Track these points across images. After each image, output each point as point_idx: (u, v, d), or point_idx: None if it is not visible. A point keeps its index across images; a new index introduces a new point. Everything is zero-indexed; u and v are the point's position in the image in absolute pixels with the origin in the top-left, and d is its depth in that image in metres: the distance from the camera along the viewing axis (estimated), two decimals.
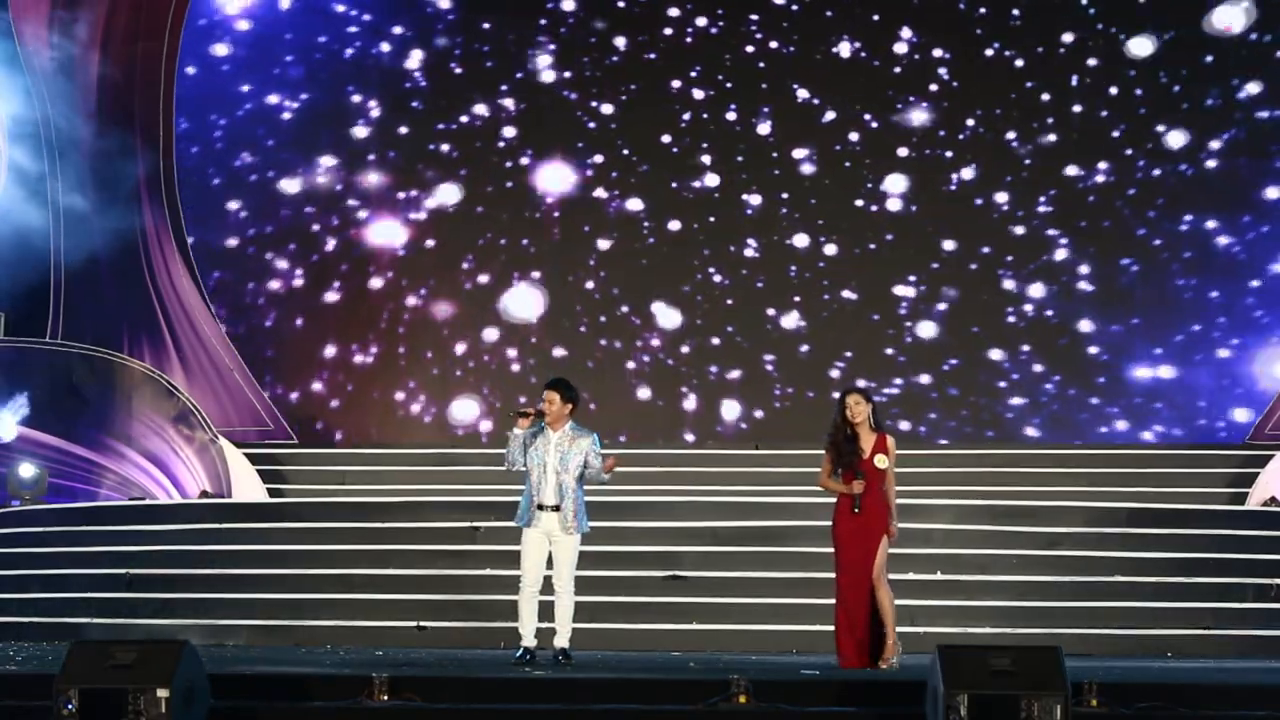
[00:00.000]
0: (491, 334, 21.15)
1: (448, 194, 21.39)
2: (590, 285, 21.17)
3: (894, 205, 21.04)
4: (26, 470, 18.37)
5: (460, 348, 21.15)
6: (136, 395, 19.53)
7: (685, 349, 21.03)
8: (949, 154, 21.03)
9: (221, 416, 20.26)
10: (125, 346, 20.07)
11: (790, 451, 19.73)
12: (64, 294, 19.95)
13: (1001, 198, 20.94)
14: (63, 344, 19.67)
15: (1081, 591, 14.89)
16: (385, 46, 21.54)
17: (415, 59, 21.54)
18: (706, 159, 21.22)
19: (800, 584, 14.78)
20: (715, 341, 21.02)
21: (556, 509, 11.95)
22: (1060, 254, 20.82)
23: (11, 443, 18.67)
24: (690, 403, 20.95)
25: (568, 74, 21.44)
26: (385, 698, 9.48)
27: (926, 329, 20.85)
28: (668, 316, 21.07)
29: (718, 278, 21.10)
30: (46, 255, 19.95)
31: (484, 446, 20.25)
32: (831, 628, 12.05)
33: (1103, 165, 20.84)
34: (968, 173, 21.00)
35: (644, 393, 20.95)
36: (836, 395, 12.28)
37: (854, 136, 21.14)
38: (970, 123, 21.02)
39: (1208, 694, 9.71)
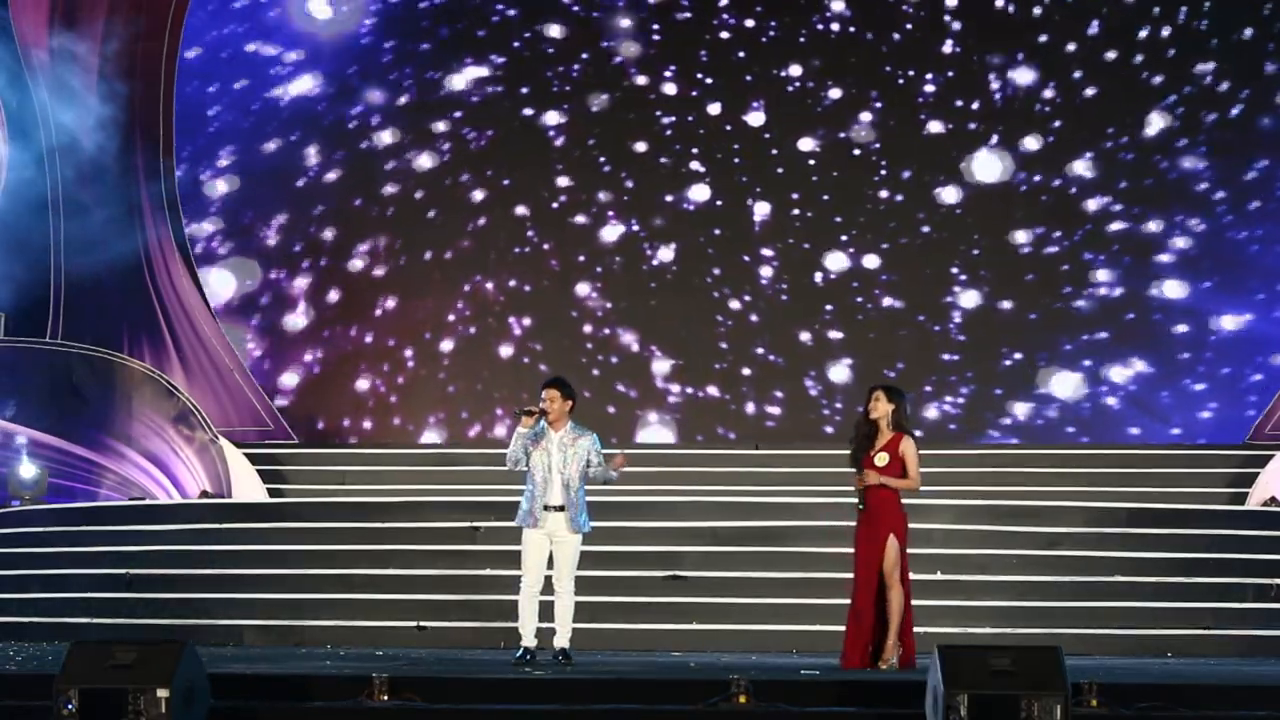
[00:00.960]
0: (491, 334, 21.14)
1: (440, 198, 21.40)
2: (589, 284, 21.16)
3: (894, 204, 21.03)
4: (27, 470, 18.36)
5: (460, 348, 21.14)
6: (136, 395, 19.53)
7: (685, 349, 21.02)
8: (951, 154, 21.04)
9: (221, 416, 20.26)
10: (125, 346, 20.07)
11: (790, 451, 19.76)
12: (64, 294, 19.94)
13: (1000, 200, 20.93)
14: (63, 344, 19.67)
15: (1081, 591, 14.88)
16: (386, 52, 21.54)
17: (411, 56, 21.57)
18: (702, 165, 21.23)
19: (800, 584, 14.78)
20: (715, 342, 21.01)
21: (561, 509, 11.95)
22: (1057, 254, 20.82)
23: (14, 444, 18.68)
24: (690, 403, 20.94)
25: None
26: (385, 698, 9.48)
27: (927, 329, 20.84)
28: (668, 320, 21.06)
29: (717, 277, 21.08)
30: (46, 255, 19.94)
31: (484, 447, 20.24)
32: (836, 627, 12.03)
33: (1100, 173, 20.87)
34: (968, 177, 21.00)
35: (643, 394, 20.95)
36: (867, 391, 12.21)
37: (854, 135, 21.14)
38: (972, 126, 21.02)
39: (1208, 694, 9.70)
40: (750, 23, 21.30)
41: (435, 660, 12.57)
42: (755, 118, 21.20)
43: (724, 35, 21.33)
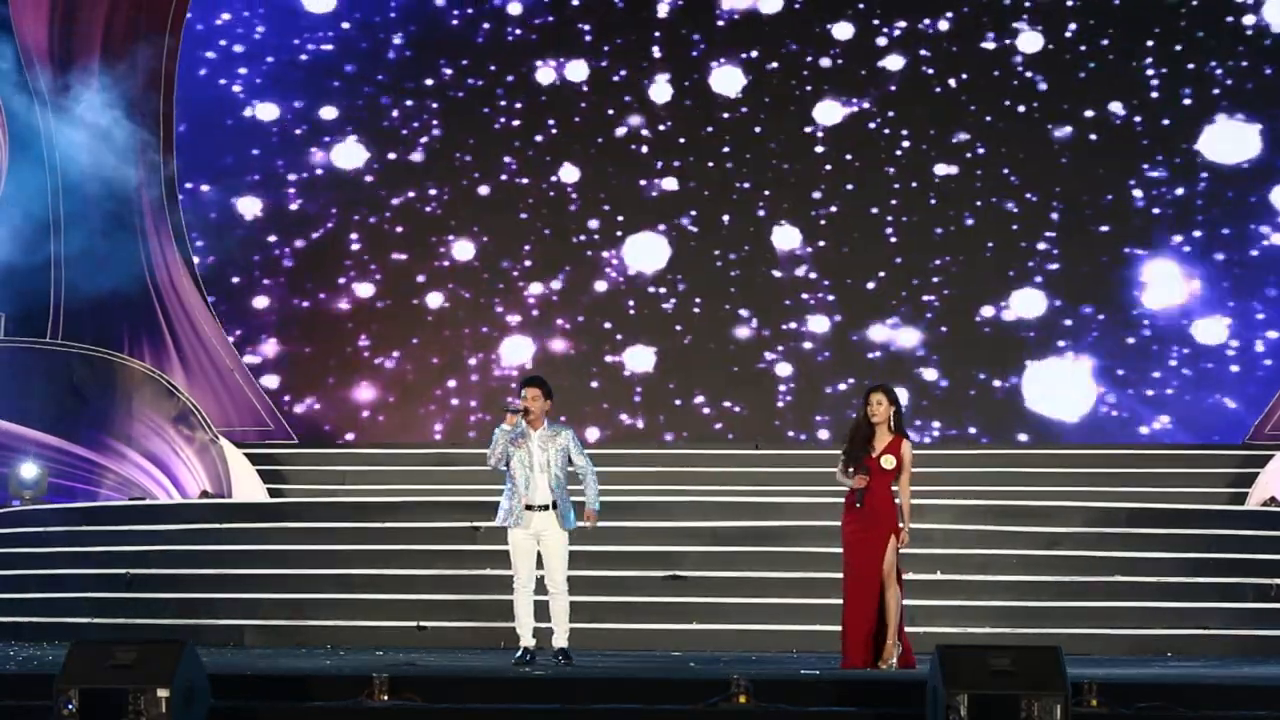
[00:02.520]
0: (490, 336, 21.14)
1: (447, 194, 21.40)
2: (589, 285, 21.16)
3: (895, 205, 21.03)
4: (27, 470, 18.36)
5: (459, 348, 21.14)
6: (136, 395, 19.53)
7: (684, 349, 21.01)
8: (958, 145, 21.04)
9: (221, 416, 20.26)
10: (125, 346, 20.06)
11: (790, 451, 19.76)
12: (64, 294, 19.94)
13: (997, 202, 20.93)
14: (63, 344, 19.66)
15: (1081, 591, 14.89)
16: (388, 52, 21.53)
17: (423, 63, 21.55)
18: (710, 159, 21.23)
19: (800, 584, 14.78)
20: (716, 342, 21.00)
21: (547, 508, 11.94)
22: (1059, 254, 20.83)
23: (13, 443, 18.67)
24: (690, 403, 20.93)
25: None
26: (385, 698, 9.48)
27: (928, 329, 20.83)
28: (667, 316, 21.06)
29: (717, 277, 21.08)
30: (47, 255, 19.93)
31: (484, 447, 20.19)
32: (836, 627, 12.02)
33: (1102, 171, 20.88)
34: (965, 174, 21.00)
35: (644, 394, 20.95)
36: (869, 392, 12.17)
37: (855, 138, 21.14)
38: (966, 132, 21.03)
39: (1208, 694, 9.70)
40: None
41: (435, 660, 12.57)
42: (759, 122, 21.23)
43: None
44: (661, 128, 21.26)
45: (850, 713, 9.52)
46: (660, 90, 21.31)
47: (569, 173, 21.28)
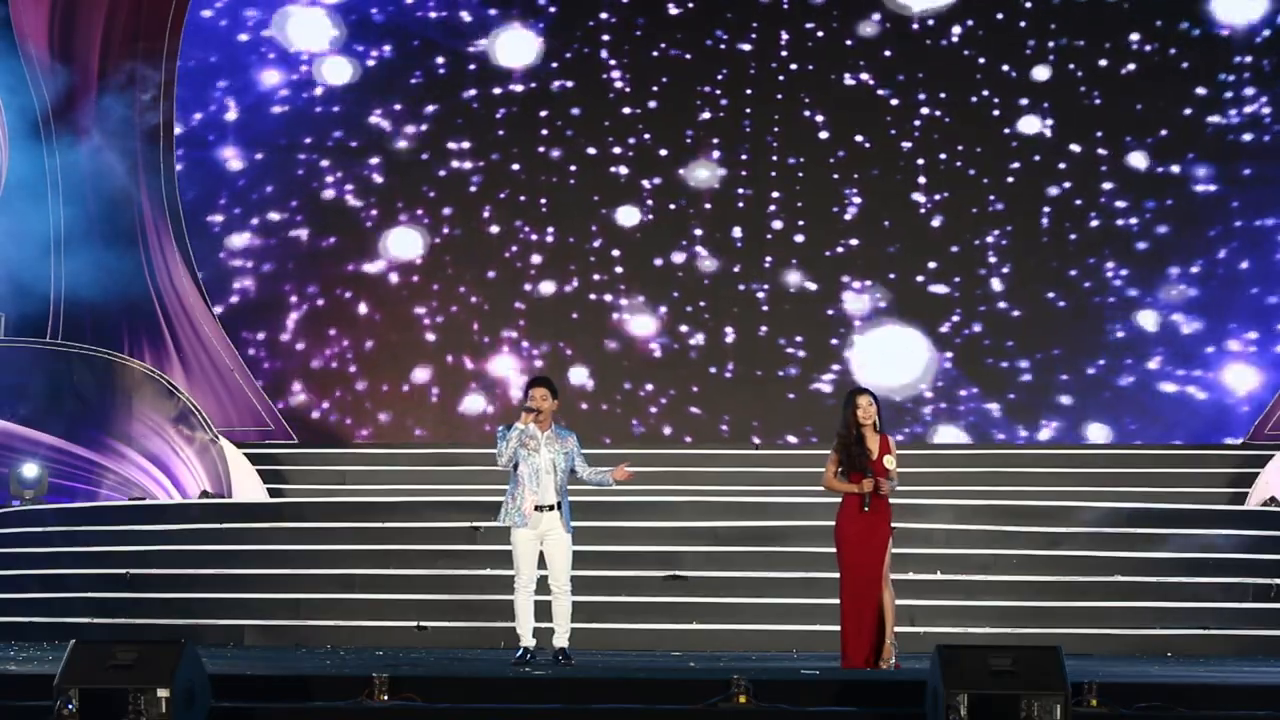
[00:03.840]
0: (491, 336, 21.14)
1: (447, 195, 21.39)
2: (588, 287, 21.15)
3: (894, 205, 21.03)
4: (28, 470, 18.36)
5: (459, 350, 21.14)
6: (136, 395, 19.52)
7: (684, 349, 21.01)
8: (955, 151, 21.02)
9: (221, 416, 20.25)
10: (125, 346, 20.06)
11: (790, 452, 19.75)
12: (64, 294, 19.93)
13: (1003, 197, 20.93)
14: (63, 344, 19.66)
15: (1082, 591, 14.89)
16: (386, 53, 21.52)
17: (415, 66, 21.53)
18: (715, 155, 21.21)
19: (800, 584, 14.79)
20: (716, 341, 21.00)
21: (553, 509, 11.94)
22: (1059, 254, 20.83)
23: (14, 444, 18.68)
24: (691, 403, 20.93)
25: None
26: (385, 698, 9.47)
27: (928, 329, 20.84)
28: (667, 317, 21.05)
29: (717, 278, 21.07)
30: (47, 255, 19.93)
31: (484, 446, 20.21)
32: (836, 627, 12.03)
33: (1107, 167, 20.87)
34: (971, 170, 20.99)
35: (644, 395, 20.94)
36: (853, 396, 12.19)
37: (856, 136, 21.13)
38: (974, 122, 21.03)
39: (1208, 694, 9.70)
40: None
41: (435, 660, 12.57)
42: (769, 125, 21.23)
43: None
44: (670, 137, 21.28)
45: (850, 713, 9.51)
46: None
47: (579, 164, 21.28)
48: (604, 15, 21.42)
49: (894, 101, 21.06)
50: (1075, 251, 20.80)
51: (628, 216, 21.19)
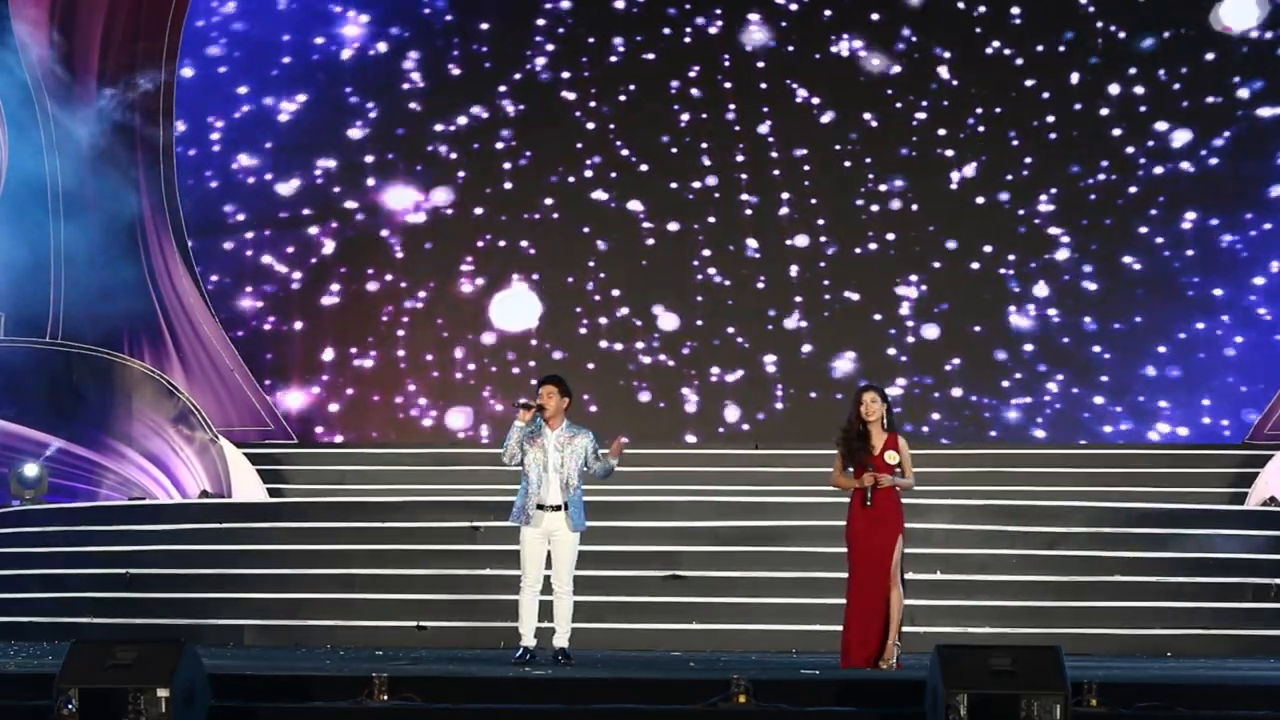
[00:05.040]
0: (490, 336, 21.13)
1: (445, 196, 21.37)
2: (589, 287, 21.15)
3: (895, 205, 21.03)
4: (29, 470, 18.36)
5: (459, 350, 21.13)
6: (136, 395, 19.53)
7: (685, 350, 21.01)
8: (950, 152, 21.01)
9: (221, 416, 20.25)
10: (125, 346, 20.05)
11: (790, 451, 19.74)
12: (64, 294, 19.93)
13: (1003, 196, 20.93)
14: (63, 344, 19.66)
15: (1081, 591, 14.89)
16: (382, 47, 21.50)
17: (411, 60, 21.50)
18: (706, 160, 21.20)
19: (800, 584, 14.79)
20: (716, 342, 21.00)
21: (559, 509, 11.93)
22: (1062, 253, 20.82)
23: (15, 444, 18.68)
24: (691, 404, 20.93)
25: (565, 75, 21.41)
26: (385, 698, 9.47)
27: (928, 329, 20.83)
28: (667, 318, 21.05)
29: (718, 278, 21.08)
30: (47, 255, 19.93)
31: (484, 446, 20.23)
32: (836, 627, 12.02)
33: (1104, 163, 20.84)
34: (969, 170, 20.99)
35: (644, 394, 20.94)
36: (859, 392, 12.16)
37: (854, 135, 21.13)
38: (971, 121, 21.00)
39: (1208, 694, 9.70)
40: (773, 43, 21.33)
41: (435, 660, 12.57)
42: (764, 125, 21.21)
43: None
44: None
45: (850, 713, 9.51)
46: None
47: (591, 168, 21.28)
48: None
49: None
50: None
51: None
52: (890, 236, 21.00)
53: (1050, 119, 20.91)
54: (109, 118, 20.27)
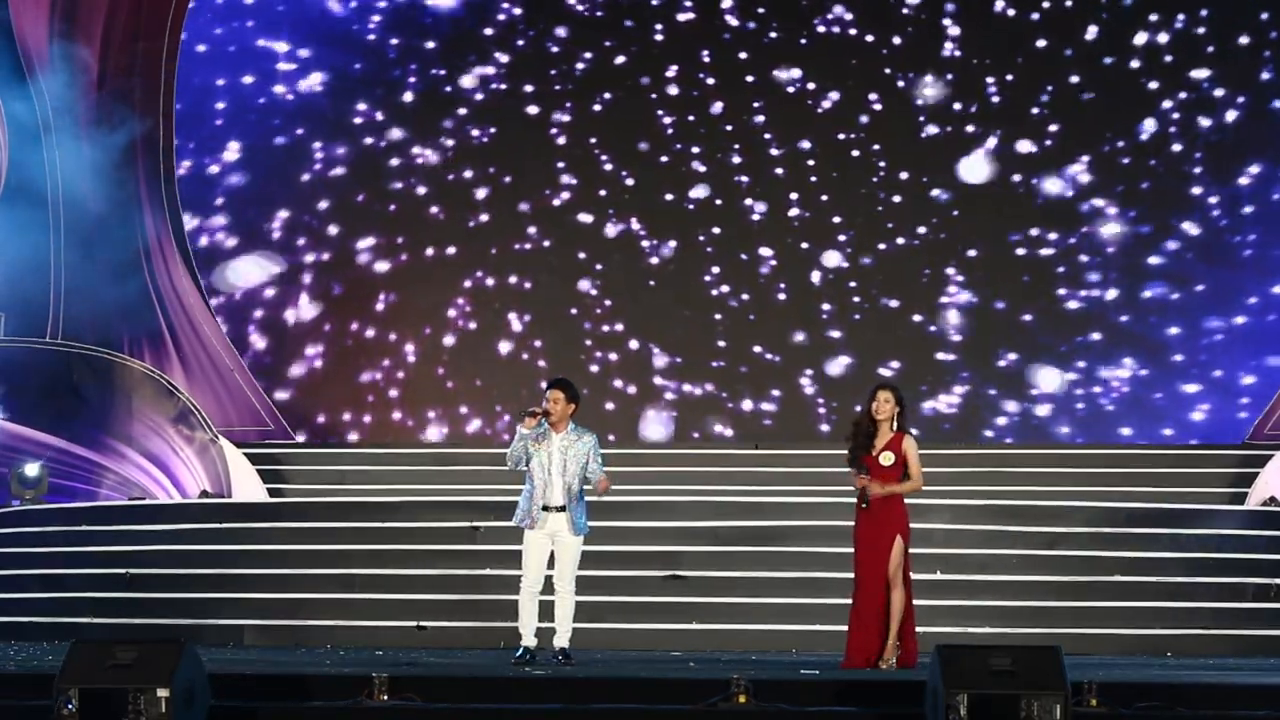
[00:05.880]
0: (488, 337, 21.13)
1: (443, 194, 21.39)
2: (588, 286, 21.15)
3: (895, 204, 21.02)
4: (29, 470, 18.36)
5: (458, 351, 21.12)
6: (136, 395, 19.53)
7: (685, 350, 21.01)
8: (948, 152, 21.04)
9: (221, 416, 20.26)
10: (125, 346, 20.05)
11: (791, 451, 19.75)
12: (64, 294, 19.93)
13: (1003, 198, 20.94)
14: (63, 344, 19.66)
15: (1081, 591, 14.89)
16: (379, 47, 21.52)
17: (412, 62, 21.51)
18: (697, 165, 21.23)
19: (800, 584, 14.79)
20: (716, 341, 21.00)
21: (562, 510, 11.93)
22: (1062, 253, 20.83)
23: (15, 444, 18.68)
24: (690, 404, 20.93)
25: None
26: (385, 698, 9.47)
27: (928, 328, 20.83)
28: (667, 317, 21.05)
29: (719, 277, 21.08)
30: (47, 255, 19.92)
31: (484, 446, 20.23)
32: (836, 627, 12.02)
33: (1097, 174, 20.87)
34: (969, 174, 20.99)
35: (643, 395, 20.94)
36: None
37: (851, 134, 21.13)
38: (969, 129, 21.03)
39: (1208, 694, 9.70)
40: (752, 25, 21.30)
41: (435, 660, 12.57)
42: (756, 118, 21.19)
43: (726, 37, 21.34)
44: (683, 139, 21.25)
45: (850, 713, 9.51)
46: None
47: (589, 174, 21.28)
48: None
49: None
50: None
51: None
52: (890, 235, 20.98)
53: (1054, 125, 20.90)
54: (109, 117, 20.25)
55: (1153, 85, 20.81)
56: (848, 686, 9.99)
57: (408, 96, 21.44)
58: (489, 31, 21.44)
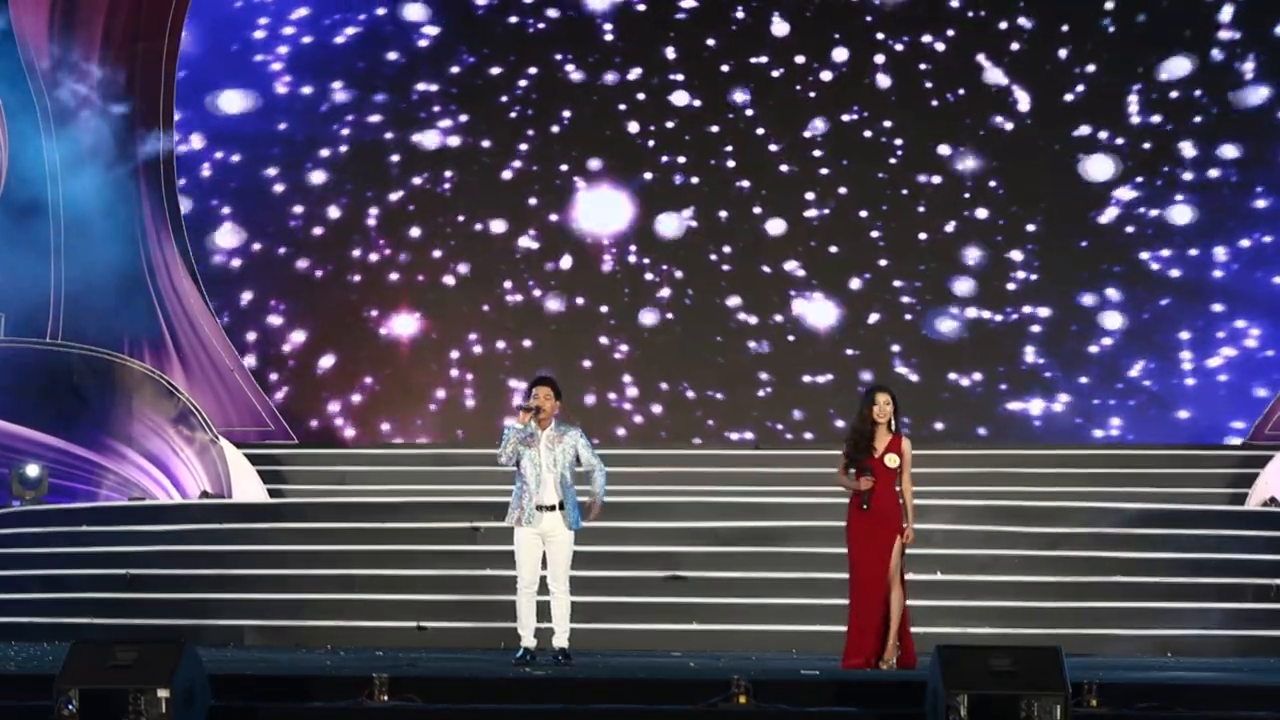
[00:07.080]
0: (489, 337, 21.13)
1: (442, 193, 21.39)
2: (591, 282, 21.16)
3: (894, 204, 21.02)
4: (29, 470, 18.35)
5: (456, 351, 21.13)
6: (136, 395, 19.53)
7: (685, 350, 21.01)
8: (945, 151, 21.03)
9: (221, 416, 20.25)
10: (125, 347, 20.05)
11: (790, 452, 19.75)
12: (64, 294, 19.93)
13: (1002, 197, 20.94)
14: (63, 344, 19.66)
15: (1082, 591, 14.89)
16: (379, 47, 21.51)
17: (412, 59, 21.50)
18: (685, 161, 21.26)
19: (800, 584, 14.79)
20: (717, 341, 21.00)
21: (554, 508, 11.95)
22: (1063, 252, 20.84)
23: (15, 444, 18.68)
24: (689, 404, 20.93)
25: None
26: (385, 698, 9.48)
27: (928, 328, 20.84)
28: (667, 318, 21.05)
29: (718, 278, 21.08)
30: (47, 254, 19.92)
31: (484, 447, 20.19)
32: (836, 627, 12.03)
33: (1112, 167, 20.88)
34: (967, 165, 20.98)
35: (642, 394, 20.94)
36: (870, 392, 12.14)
37: (851, 135, 21.13)
38: (969, 121, 21.03)
39: (1208, 694, 9.71)
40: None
41: (435, 660, 12.57)
42: (748, 112, 21.18)
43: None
44: (670, 125, 21.23)
45: (850, 713, 9.52)
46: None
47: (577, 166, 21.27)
48: None
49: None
50: None
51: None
52: (889, 235, 20.99)
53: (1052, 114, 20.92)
54: (108, 116, 20.25)
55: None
56: (848, 687, 10.00)
57: (402, 105, 21.43)
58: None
